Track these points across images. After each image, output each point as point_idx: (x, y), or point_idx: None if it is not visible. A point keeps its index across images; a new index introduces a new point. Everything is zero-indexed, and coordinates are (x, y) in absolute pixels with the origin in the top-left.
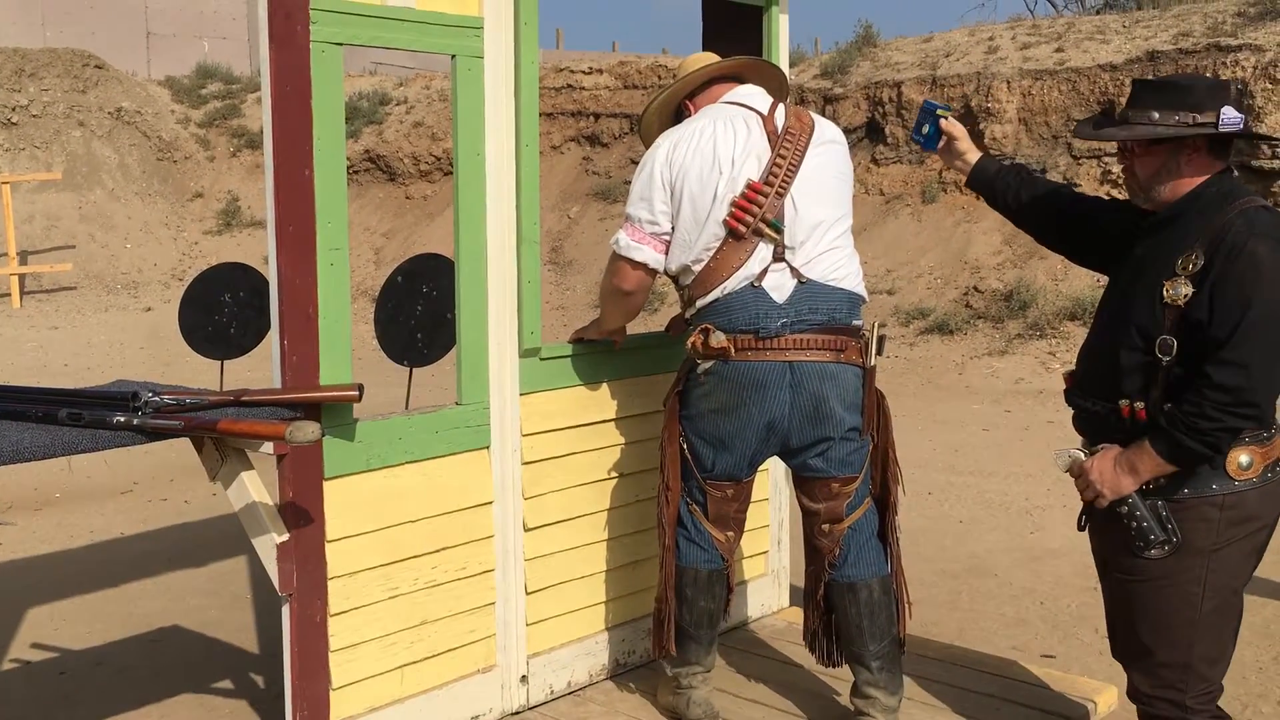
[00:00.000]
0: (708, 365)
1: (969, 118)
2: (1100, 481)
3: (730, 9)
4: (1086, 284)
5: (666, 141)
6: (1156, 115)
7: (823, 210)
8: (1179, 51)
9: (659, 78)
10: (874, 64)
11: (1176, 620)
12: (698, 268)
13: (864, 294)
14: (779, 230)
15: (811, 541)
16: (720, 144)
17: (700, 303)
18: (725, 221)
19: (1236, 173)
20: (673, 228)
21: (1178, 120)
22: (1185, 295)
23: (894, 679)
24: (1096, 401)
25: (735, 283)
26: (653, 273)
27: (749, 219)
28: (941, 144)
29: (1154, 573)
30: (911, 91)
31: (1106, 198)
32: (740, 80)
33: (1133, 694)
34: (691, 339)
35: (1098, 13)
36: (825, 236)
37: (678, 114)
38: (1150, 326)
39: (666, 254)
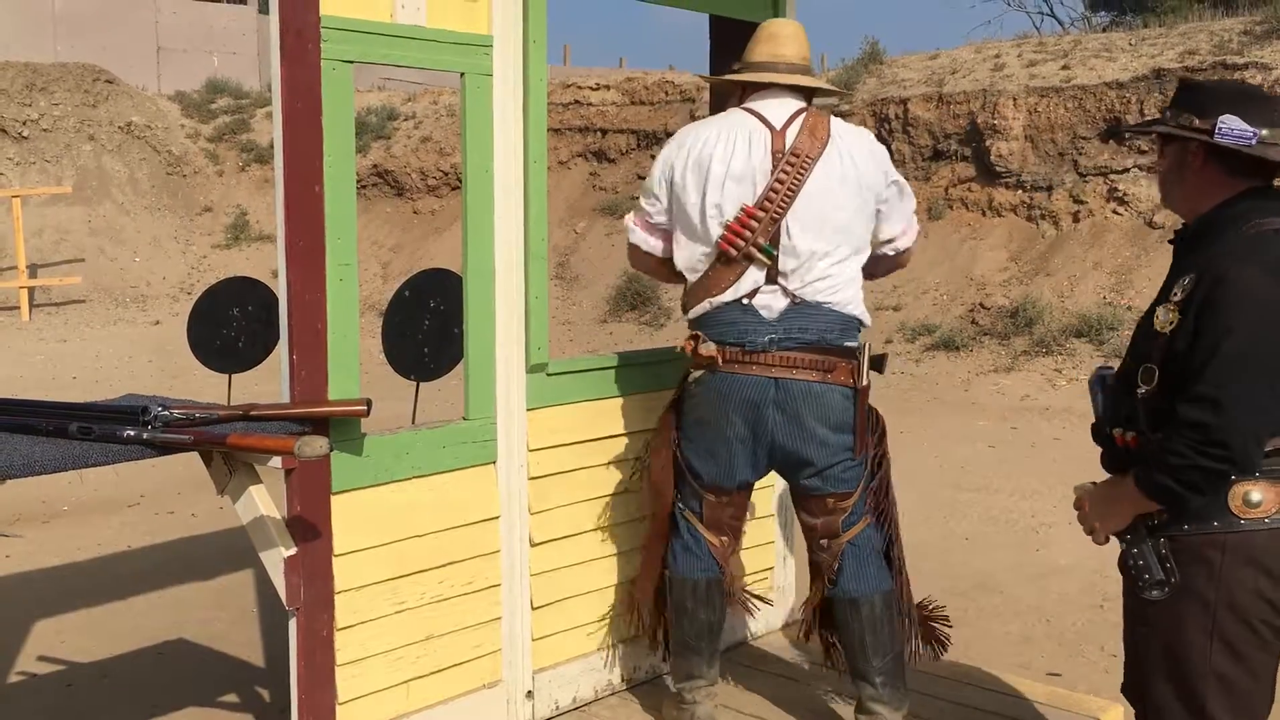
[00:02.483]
0: (698, 375)
1: (975, 135)
2: (1089, 515)
3: (737, 26)
4: (1093, 301)
5: (674, 143)
6: (1169, 114)
7: (820, 236)
8: (1185, 70)
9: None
10: (880, 81)
11: (1183, 672)
12: (693, 277)
13: (863, 316)
14: (771, 255)
15: (812, 558)
16: (715, 162)
17: (692, 314)
18: (717, 244)
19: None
20: (675, 226)
21: (1180, 121)
22: (1171, 322)
23: (898, 694)
24: (1106, 431)
25: (725, 298)
26: (650, 255)
27: (740, 244)
28: None
29: (1157, 617)
30: (918, 108)
31: None
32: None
33: None
34: (683, 344)
35: (1104, 30)
36: (821, 263)
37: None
38: (1142, 353)
39: (666, 243)
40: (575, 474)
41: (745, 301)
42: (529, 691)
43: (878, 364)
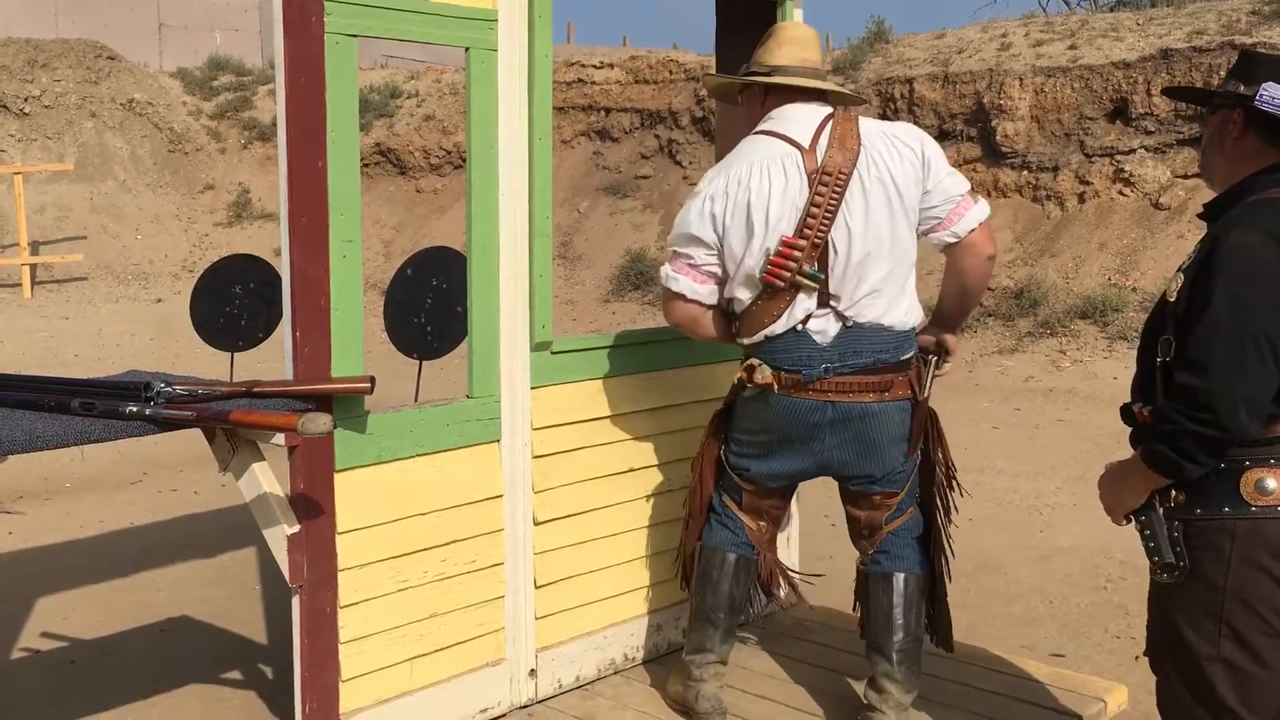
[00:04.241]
0: (751, 393)
1: (981, 115)
2: (1103, 493)
3: (743, 3)
4: (1097, 282)
5: (710, 186)
6: (1219, 83)
7: (865, 251)
8: (1193, 50)
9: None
10: (886, 60)
11: (1193, 657)
12: (740, 309)
13: (919, 322)
14: (818, 280)
15: (853, 542)
16: (755, 200)
17: (746, 342)
18: (762, 278)
19: None
20: (721, 267)
21: (1228, 88)
22: (1176, 289)
23: (912, 675)
24: (1132, 406)
25: (779, 328)
26: (696, 304)
27: (786, 275)
28: None
29: (1168, 601)
30: (923, 88)
31: None
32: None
33: None
34: (739, 374)
35: (1111, 10)
36: (870, 279)
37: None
38: (1155, 326)
39: (719, 287)
40: (579, 453)
41: (799, 328)
42: (532, 670)
43: (931, 373)
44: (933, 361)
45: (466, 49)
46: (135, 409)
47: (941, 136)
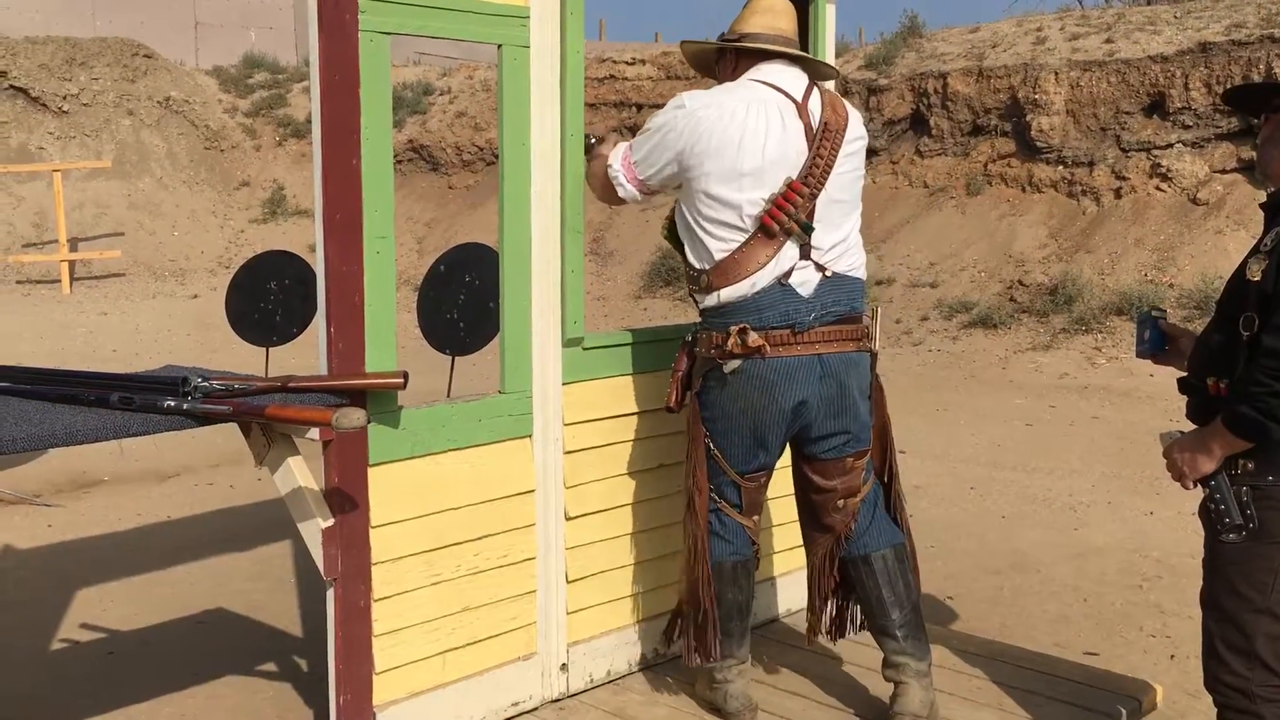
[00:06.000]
0: (735, 365)
1: (1015, 110)
2: (1180, 460)
3: None
4: (1133, 278)
5: (690, 111)
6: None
7: (844, 209)
8: (1231, 43)
9: None
10: (919, 55)
11: (1243, 606)
12: (719, 255)
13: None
14: (809, 231)
15: (822, 521)
16: (749, 138)
17: (725, 295)
18: (761, 219)
19: None
20: (690, 198)
21: None
22: (1261, 269)
23: (920, 645)
24: (1195, 382)
25: (764, 278)
26: (620, 197)
27: (784, 219)
28: (1168, 346)
29: (1229, 556)
30: (957, 82)
31: None
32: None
33: (1204, 682)
34: (718, 339)
35: (1148, 3)
36: (843, 230)
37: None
38: (1232, 305)
39: (643, 193)
40: (610, 448)
41: (784, 282)
42: (563, 664)
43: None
44: (879, 313)
45: (499, 46)
46: (173, 403)
47: (975, 131)
